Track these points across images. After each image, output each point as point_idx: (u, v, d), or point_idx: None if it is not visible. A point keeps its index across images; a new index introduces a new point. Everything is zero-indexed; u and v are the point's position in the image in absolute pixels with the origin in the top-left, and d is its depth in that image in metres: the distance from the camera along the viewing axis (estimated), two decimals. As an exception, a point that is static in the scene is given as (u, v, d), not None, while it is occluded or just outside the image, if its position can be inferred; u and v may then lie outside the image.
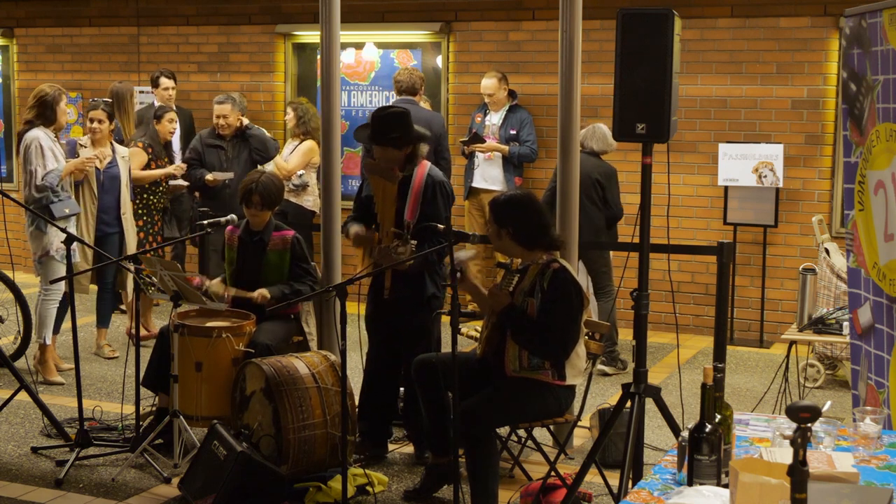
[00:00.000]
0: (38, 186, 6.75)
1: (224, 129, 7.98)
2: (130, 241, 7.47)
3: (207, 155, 7.97)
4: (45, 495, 5.14)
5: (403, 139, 5.36)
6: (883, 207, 4.49)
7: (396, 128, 5.35)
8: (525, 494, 5.02)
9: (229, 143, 7.99)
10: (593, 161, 7.41)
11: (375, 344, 5.70)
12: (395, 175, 5.39)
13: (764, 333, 8.48)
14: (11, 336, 7.35)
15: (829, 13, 8.26)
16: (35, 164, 6.76)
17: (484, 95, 8.74)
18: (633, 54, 4.28)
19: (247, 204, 5.81)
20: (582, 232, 7.34)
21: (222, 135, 8.01)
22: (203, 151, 8.00)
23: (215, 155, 7.95)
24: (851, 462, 3.19)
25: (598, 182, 7.34)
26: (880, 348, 4.60)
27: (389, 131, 5.35)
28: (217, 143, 7.99)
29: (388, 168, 5.39)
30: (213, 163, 7.95)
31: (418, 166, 5.44)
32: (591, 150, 7.42)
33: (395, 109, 5.50)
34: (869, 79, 4.57)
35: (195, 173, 7.96)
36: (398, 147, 5.37)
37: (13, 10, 11.18)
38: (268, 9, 10.07)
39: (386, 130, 5.35)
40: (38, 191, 6.76)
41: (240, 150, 8.00)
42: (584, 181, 7.33)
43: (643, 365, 4.44)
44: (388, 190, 5.41)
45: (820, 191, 8.39)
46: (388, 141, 5.35)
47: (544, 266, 4.73)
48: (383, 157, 5.41)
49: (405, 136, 5.37)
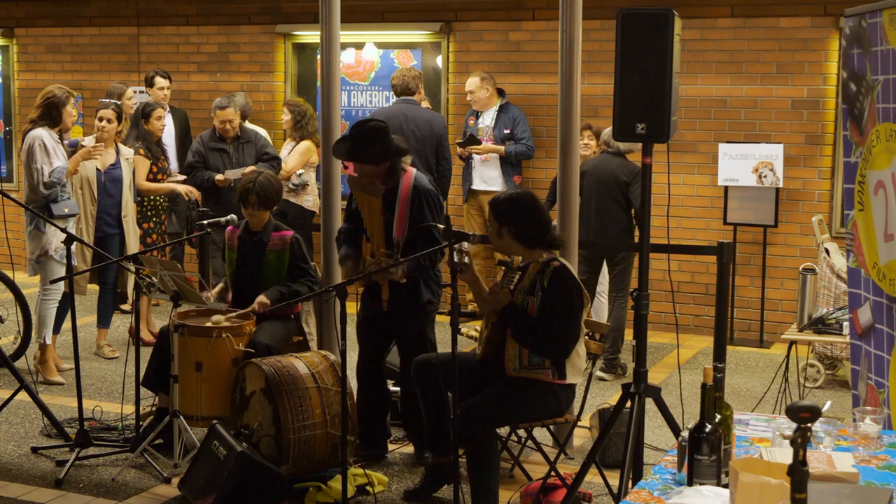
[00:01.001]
0: (45, 183, 6.76)
1: (228, 133, 7.95)
2: (131, 242, 7.47)
3: (211, 158, 7.94)
4: (45, 495, 5.14)
5: (380, 155, 5.29)
6: (883, 207, 4.49)
7: (373, 144, 5.27)
8: (525, 494, 5.02)
9: (231, 145, 7.97)
10: (618, 161, 7.29)
11: (367, 350, 5.67)
12: (377, 188, 5.32)
13: (764, 333, 8.48)
14: (11, 336, 7.35)
15: (829, 13, 8.27)
16: (41, 161, 6.77)
17: (467, 93, 8.73)
18: (633, 54, 4.28)
19: (244, 204, 5.80)
20: (607, 234, 7.33)
21: (224, 137, 7.98)
22: (206, 154, 7.97)
23: (219, 157, 7.92)
24: (851, 462, 3.19)
25: (626, 183, 7.23)
26: (880, 348, 4.60)
27: (366, 148, 5.27)
28: (219, 146, 7.96)
29: (369, 183, 5.35)
30: (217, 165, 7.92)
31: (403, 176, 5.38)
32: (616, 151, 7.29)
33: (373, 124, 5.36)
34: (869, 79, 4.57)
35: (200, 175, 7.92)
36: (375, 163, 5.31)
37: (13, 10, 11.18)
38: (268, 9, 10.07)
39: (362, 147, 5.27)
40: (47, 187, 6.78)
41: (243, 152, 7.98)
42: (609, 182, 7.29)
43: (643, 365, 4.44)
44: (373, 204, 5.34)
45: (820, 191, 8.39)
46: (364, 158, 5.29)
47: (544, 264, 4.73)
48: (361, 173, 5.35)
49: (382, 152, 5.29)
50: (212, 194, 7.94)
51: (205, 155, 7.94)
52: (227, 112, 7.90)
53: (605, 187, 7.27)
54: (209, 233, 5.92)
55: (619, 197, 7.25)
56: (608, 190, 7.27)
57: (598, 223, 7.34)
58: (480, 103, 8.72)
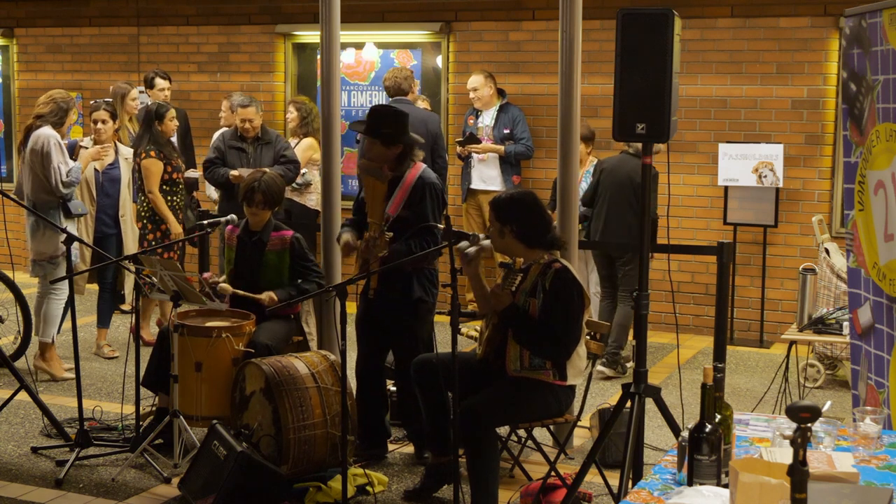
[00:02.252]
0: (65, 183, 6.81)
1: (248, 133, 7.92)
2: (129, 242, 7.47)
3: (229, 156, 7.91)
4: (45, 495, 5.14)
5: (393, 136, 5.35)
6: (883, 207, 4.49)
7: (390, 125, 5.35)
8: (525, 494, 5.02)
9: (251, 145, 7.95)
10: (635, 162, 7.16)
11: (364, 346, 5.69)
12: (384, 174, 5.39)
13: (764, 333, 8.48)
14: (11, 336, 7.35)
15: (829, 13, 8.26)
16: (58, 160, 6.79)
17: (469, 91, 8.73)
18: (633, 54, 4.28)
19: (249, 202, 5.81)
20: (614, 235, 7.33)
21: (245, 137, 7.96)
22: (225, 151, 7.95)
23: (236, 156, 7.88)
24: (851, 462, 3.19)
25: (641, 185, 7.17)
26: (880, 348, 4.60)
27: (382, 126, 5.35)
28: (238, 145, 7.93)
29: (378, 167, 5.39)
30: (235, 163, 7.89)
31: (411, 168, 5.44)
32: (635, 152, 7.18)
33: (395, 109, 5.50)
34: (869, 79, 4.57)
35: (217, 171, 7.90)
36: (386, 144, 5.36)
37: (13, 10, 11.18)
38: (268, 9, 10.07)
39: (379, 124, 5.36)
40: (66, 186, 6.82)
41: (261, 152, 7.95)
42: (625, 185, 7.28)
43: (643, 365, 4.44)
44: (377, 189, 5.41)
45: (820, 191, 8.39)
46: (377, 135, 5.35)
47: (546, 266, 4.73)
48: (370, 150, 5.41)
49: (396, 133, 5.35)
50: (227, 191, 7.93)
51: (224, 152, 7.92)
52: (248, 111, 7.85)
53: (620, 188, 7.28)
54: (209, 233, 5.92)
55: (631, 199, 7.24)
56: (622, 191, 7.28)
57: (608, 223, 7.35)
58: (483, 101, 8.73)
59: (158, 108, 7.74)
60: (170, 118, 7.85)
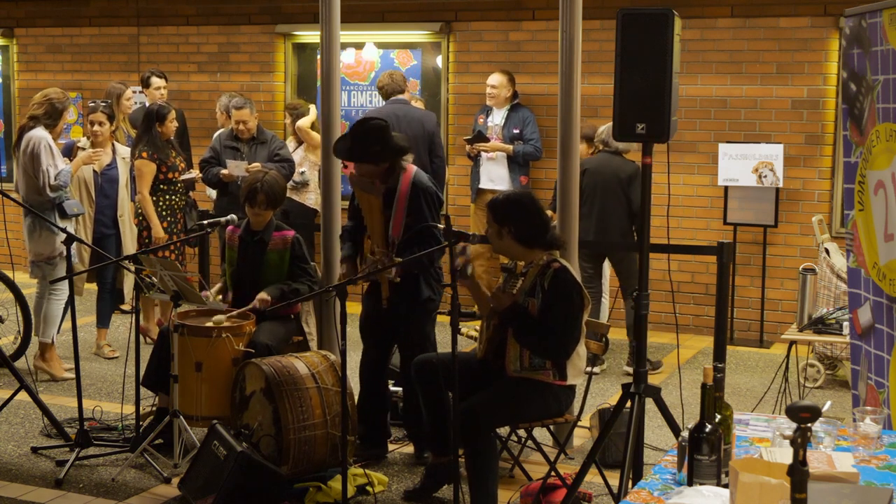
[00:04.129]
0: (52, 186, 6.78)
1: (244, 134, 7.93)
2: (128, 242, 7.46)
3: (224, 155, 7.94)
4: (45, 495, 5.14)
5: (380, 155, 5.30)
6: (883, 207, 4.49)
7: (373, 143, 5.27)
8: (525, 494, 5.02)
9: (246, 146, 7.96)
10: (618, 160, 7.33)
11: (370, 348, 5.68)
12: (377, 187, 5.34)
13: (764, 333, 8.48)
14: (11, 336, 7.35)
15: (829, 13, 8.26)
16: (46, 163, 6.77)
17: (487, 87, 8.71)
18: (633, 54, 4.28)
19: (251, 203, 5.80)
20: (609, 233, 7.35)
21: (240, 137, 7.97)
22: (221, 151, 7.97)
23: (231, 155, 7.90)
24: (851, 462, 3.19)
25: (627, 182, 7.23)
26: (880, 348, 4.60)
27: (366, 147, 5.27)
28: (233, 145, 7.95)
29: (370, 182, 5.36)
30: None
31: (403, 174, 5.38)
32: (615, 150, 7.32)
33: (373, 123, 5.36)
34: (869, 79, 4.57)
35: (212, 171, 7.92)
36: (375, 163, 5.33)
37: (13, 10, 11.18)
38: (268, 9, 10.07)
39: (363, 146, 5.28)
40: (54, 190, 6.80)
41: (256, 152, 7.96)
42: (612, 182, 7.32)
43: (643, 365, 4.44)
44: (373, 202, 5.36)
45: (820, 191, 8.39)
46: (364, 158, 5.30)
47: (545, 266, 4.73)
48: (360, 168, 5.36)
49: (382, 151, 5.29)
50: (222, 190, 7.95)
51: (220, 152, 7.97)
52: (242, 112, 7.88)
53: (606, 186, 7.30)
54: (209, 233, 5.92)
55: (620, 196, 7.28)
56: (610, 189, 7.30)
57: (600, 222, 7.37)
58: (497, 101, 8.72)
59: (160, 110, 7.71)
60: (170, 119, 7.85)
